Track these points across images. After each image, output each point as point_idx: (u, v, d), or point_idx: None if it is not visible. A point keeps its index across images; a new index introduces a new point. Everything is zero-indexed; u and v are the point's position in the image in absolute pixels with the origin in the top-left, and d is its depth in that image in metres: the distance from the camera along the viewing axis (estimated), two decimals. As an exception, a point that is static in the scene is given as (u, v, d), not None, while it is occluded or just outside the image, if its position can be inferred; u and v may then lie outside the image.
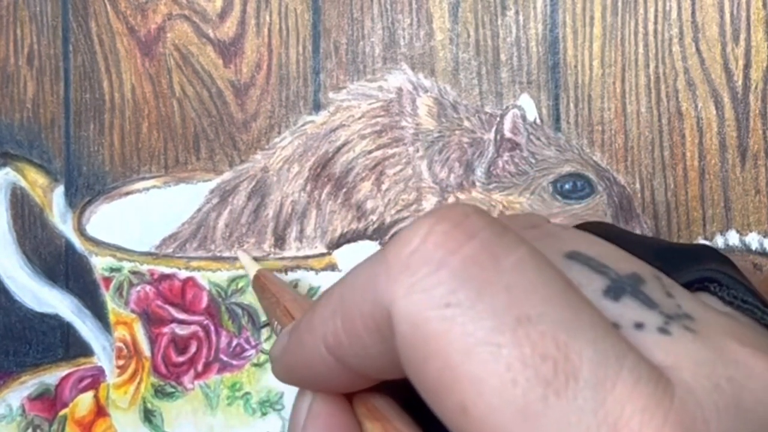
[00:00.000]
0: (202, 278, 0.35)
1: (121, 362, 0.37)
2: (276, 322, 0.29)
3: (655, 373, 0.17)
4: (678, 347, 0.18)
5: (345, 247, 0.35)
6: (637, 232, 0.34)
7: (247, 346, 0.35)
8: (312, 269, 0.35)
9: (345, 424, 0.21)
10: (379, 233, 0.35)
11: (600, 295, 0.19)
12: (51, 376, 0.37)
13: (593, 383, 0.16)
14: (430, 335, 0.17)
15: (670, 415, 0.16)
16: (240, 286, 0.35)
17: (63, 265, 0.37)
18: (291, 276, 0.35)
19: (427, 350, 0.17)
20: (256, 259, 0.35)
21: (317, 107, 0.36)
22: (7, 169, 0.37)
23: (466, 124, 0.35)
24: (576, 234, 0.22)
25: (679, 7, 0.34)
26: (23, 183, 0.37)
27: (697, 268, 0.22)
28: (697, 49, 0.34)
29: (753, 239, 0.34)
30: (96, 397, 0.37)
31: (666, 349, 0.18)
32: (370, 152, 0.35)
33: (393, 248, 0.18)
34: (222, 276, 0.35)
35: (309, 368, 0.21)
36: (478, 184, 0.34)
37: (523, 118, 0.34)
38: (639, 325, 0.18)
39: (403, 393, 0.21)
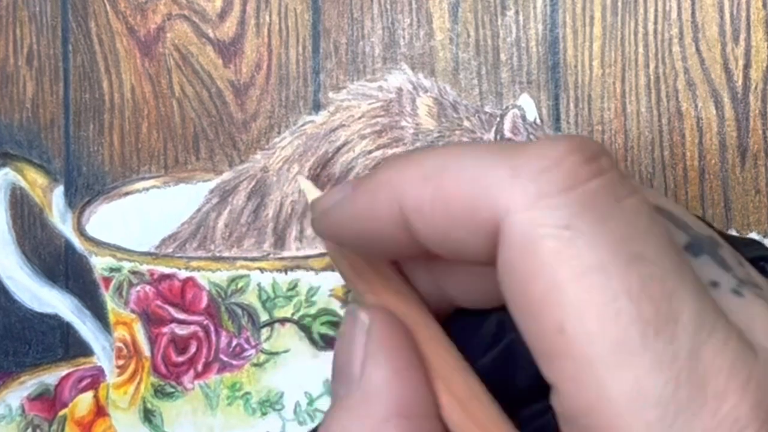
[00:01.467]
0: (202, 278, 0.35)
1: (120, 362, 0.37)
2: None
3: (742, 334, 0.17)
4: (751, 310, 0.19)
5: (345, 247, 0.35)
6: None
7: (246, 346, 0.35)
8: (312, 269, 0.35)
9: (407, 346, 0.21)
10: (379, 233, 0.35)
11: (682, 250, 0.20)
12: (51, 376, 0.37)
13: (691, 331, 0.17)
14: (544, 251, 0.17)
15: (754, 373, 0.17)
16: (240, 286, 0.35)
17: (63, 265, 0.37)
18: (291, 276, 0.35)
19: (536, 265, 0.17)
20: (255, 259, 0.35)
21: (317, 107, 0.36)
22: (7, 169, 0.37)
23: (466, 124, 0.35)
24: (657, 192, 0.23)
25: (679, 7, 0.34)
26: (23, 183, 0.37)
27: (756, 248, 0.22)
28: (697, 49, 0.34)
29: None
30: (96, 397, 0.37)
31: (739, 310, 0.18)
32: (370, 152, 0.35)
33: (523, 157, 0.18)
34: (222, 276, 0.35)
35: (367, 224, 0.20)
36: (478, 184, 0.34)
37: (523, 118, 0.34)
38: (714, 284, 0.19)
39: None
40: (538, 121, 0.35)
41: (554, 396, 0.18)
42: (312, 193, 0.34)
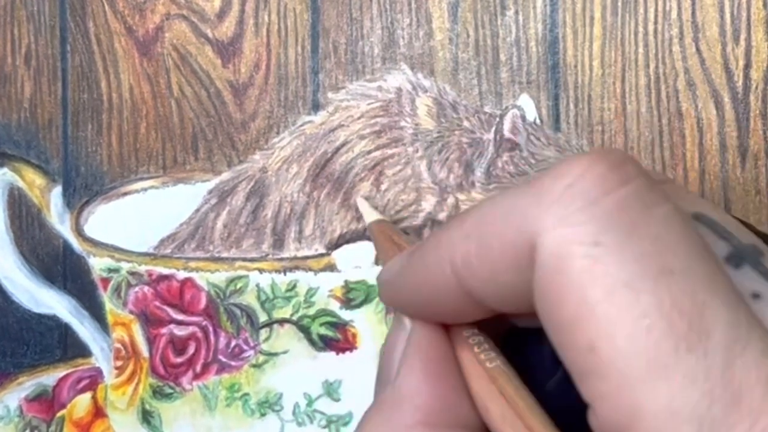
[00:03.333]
0: (201, 279, 0.35)
1: (119, 363, 0.36)
2: None
3: None
4: None
5: (344, 248, 0.35)
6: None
7: (245, 347, 0.35)
8: (311, 270, 0.35)
9: (444, 354, 0.21)
10: (378, 234, 0.35)
11: (721, 260, 0.20)
12: (49, 377, 0.37)
13: (724, 345, 0.16)
14: (573, 270, 0.17)
15: None
16: (238, 286, 0.35)
17: (61, 266, 0.37)
18: (290, 276, 0.35)
19: (566, 284, 0.17)
20: (254, 259, 0.35)
21: (316, 107, 0.36)
22: (5, 170, 0.37)
23: (466, 124, 0.35)
24: (699, 197, 0.22)
25: (679, 7, 0.34)
26: (21, 183, 0.37)
27: None
28: (697, 49, 0.34)
29: (753, 240, 0.34)
30: (94, 398, 0.37)
31: None
32: (369, 152, 0.35)
33: (547, 180, 0.18)
34: (220, 277, 0.35)
35: (425, 289, 0.21)
36: (477, 184, 0.34)
37: (523, 118, 0.34)
38: (756, 296, 0.19)
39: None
40: (537, 121, 0.35)
41: (591, 414, 0.18)
42: (370, 215, 0.34)
